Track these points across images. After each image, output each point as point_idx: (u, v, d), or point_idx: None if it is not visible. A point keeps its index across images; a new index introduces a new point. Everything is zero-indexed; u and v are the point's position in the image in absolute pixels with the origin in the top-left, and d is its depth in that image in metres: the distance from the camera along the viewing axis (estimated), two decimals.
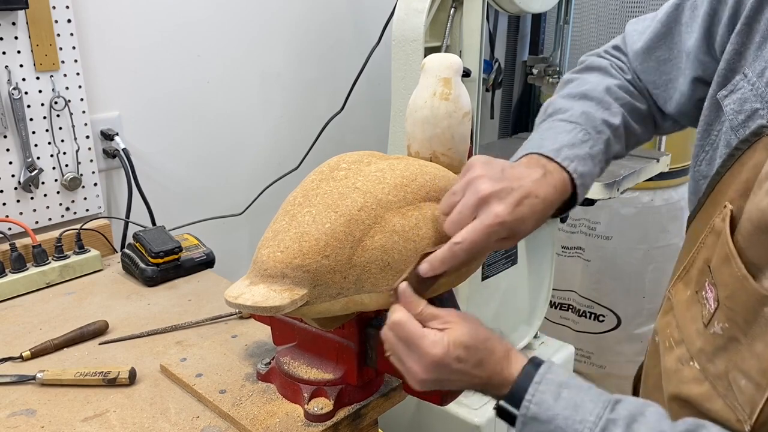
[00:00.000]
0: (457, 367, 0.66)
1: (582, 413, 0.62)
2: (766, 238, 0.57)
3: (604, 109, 0.82)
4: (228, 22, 1.60)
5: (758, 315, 0.57)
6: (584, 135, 0.78)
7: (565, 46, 1.82)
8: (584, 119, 0.80)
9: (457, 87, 0.80)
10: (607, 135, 0.80)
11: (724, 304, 0.62)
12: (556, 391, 0.64)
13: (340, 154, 0.79)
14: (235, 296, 0.69)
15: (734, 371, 0.61)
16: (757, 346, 0.58)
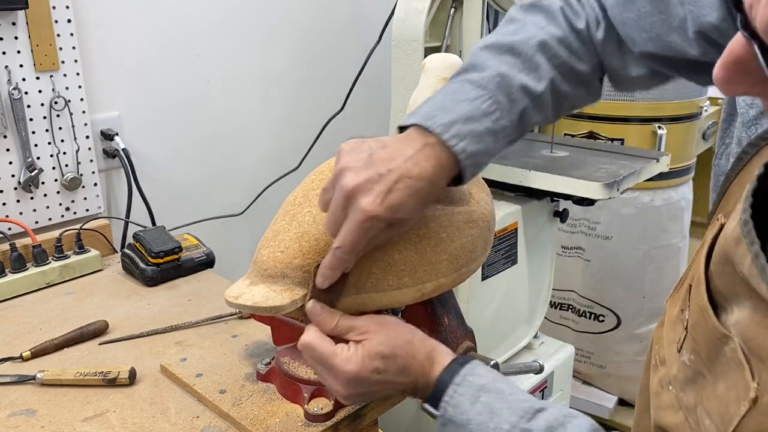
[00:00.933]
0: (377, 378, 0.65)
1: (496, 420, 0.60)
2: (729, 269, 0.50)
3: (529, 72, 0.71)
4: (228, 22, 1.60)
5: (719, 353, 0.51)
6: (489, 105, 0.68)
7: None
8: (497, 84, 0.69)
9: None
10: (523, 104, 0.70)
11: (690, 333, 0.56)
12: (474, 395, 0.62)
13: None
14: (235, 296, 0.69)
15: (700, 407, 0.54)
16: (718, 387, 0.51)
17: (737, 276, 0.49)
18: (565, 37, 0.73)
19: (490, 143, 0.68)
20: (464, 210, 0.76)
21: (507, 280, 1.57)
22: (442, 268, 0.73)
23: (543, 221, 1.66)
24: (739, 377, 0.48)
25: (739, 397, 0.48)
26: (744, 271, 0.48)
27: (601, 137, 2.13)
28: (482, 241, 0.78)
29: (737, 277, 0.49)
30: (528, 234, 1.59)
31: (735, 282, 0.50)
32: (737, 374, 0.49)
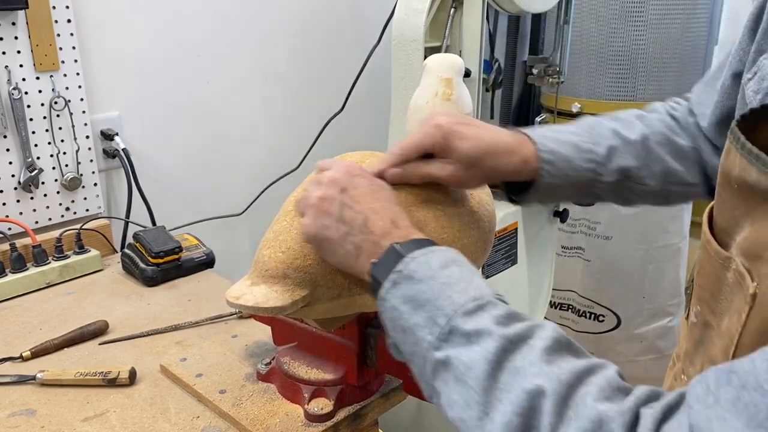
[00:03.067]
0: (345, 199, 0.63)
1: (464, 286, 0.55)
2: (727, 193, 0.54)
3: (622, 125, 0.78)
4: (228, 22, 1.60)
5: (722, 284, 0.53)
6: (576, 129, 0.76)
7: (565, 46, 1.82)
8: (589, 125, 0.78)
9: (458, 87, 0.80)
10: (612, 142, 0.76)
11: (696, 284, 0.59)
12: (447, 261, 0.57)
13: (340, 154, 0.79)
14: (236, 297, 0.69)
15: (707, 366, 0.56)
16: (723, 324, 0.54)
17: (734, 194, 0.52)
18: (662, 117, 0.81)
19: (570, 153, 0.74)
20: (465, 211, 0.76)
21: (507, 280, 1.57)
22: None
23: (543, 221, 1.66)
24: (740, 298, 0.50)
25: (741, 311, 0.50)
26: (736, 173, 0.51)
27: None
28: (483, 242, 0.78)
29: (734, 196, 0.52)
30: (528, 234, 1.59)
31: (733, 206, 0.53)
32: (739, 297, 0.50)
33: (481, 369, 0.50)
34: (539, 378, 0.47)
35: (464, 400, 0.50)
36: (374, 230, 0.61)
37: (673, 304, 2.13)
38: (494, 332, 0.51)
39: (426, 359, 0.54)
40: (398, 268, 0.57)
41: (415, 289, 0.56)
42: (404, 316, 0.56)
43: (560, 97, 2.01)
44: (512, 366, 0.49)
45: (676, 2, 2.00)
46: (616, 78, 2.09)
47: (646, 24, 2.01)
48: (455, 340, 0.52)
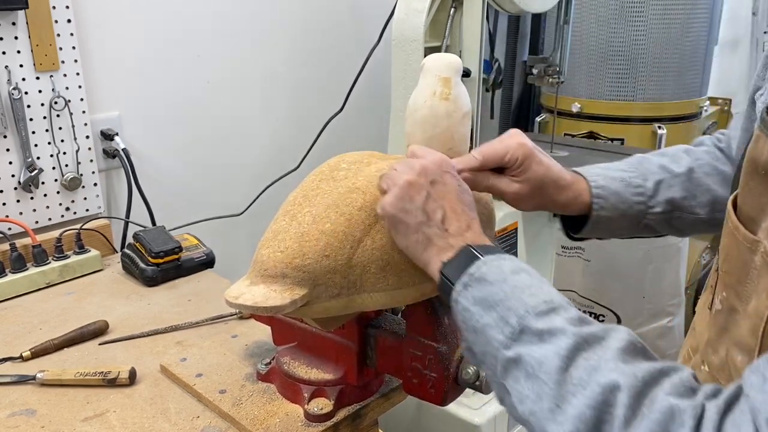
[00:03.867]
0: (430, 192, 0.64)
1: (535, 291, 0.56)
2: (755, 181, 0.56)
3: (668, 159, 0.82)
4: (228, 22, 1.60)
5: (750, 267, 0.56)
6: (625, 166, 0.82)
7: (565, 46, 1.82)
8: (637, 161, 0.83)
9: (456, 87, 0.79)
10: (659, 176, 0.81)
11: (722, 270, 0.61)
12: (518, 268, 0.59)
13: (340, 154, 0.79)
14: (235, 296, 0.69)
15: (733, 350, 0.58)
16: (750, 307, 0.56)
17: (761, 181, 0.54)
18: (708, 149, 0.85)
19: (620, 188, 0.79)
20: None
21: None
22: None
23: (543, 221, 1.66)
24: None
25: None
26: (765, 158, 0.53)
27: (602, 137, 2.13)
28: None
29: (761, 183, 0.55)
30: (528, 234, 1.59)
31: (760, 192, 0.55)
32: (767, 278, 0.53)
33: (554, 364, 0.50)
34: (615, 373, 0.48)
35: (536, 393, 0.51)
36: (449, 228, 0.63)
37: (673, 304, 2.13)
38: (568, 330, 0.52)
39: (497, 359, 0.55)
40: (471, 271, 0.59)
41: (487, 291, 0.57)
42: (475, 317, 0.57)
43: (560, 97, 2.01)
44: (586, 363, 0.50)
45: (676, 2, 2.00)
46: (616, 78, 2.09)
47: (646, 24, 2.01)
48: (527, 339, 0.53)
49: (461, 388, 0.75)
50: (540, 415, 0.50)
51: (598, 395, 0.47)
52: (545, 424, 0.50)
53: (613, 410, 0.46)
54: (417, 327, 0.75)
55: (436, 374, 0.74)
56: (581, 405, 0.48)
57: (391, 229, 0.67)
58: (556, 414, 0.49)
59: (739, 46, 3.25)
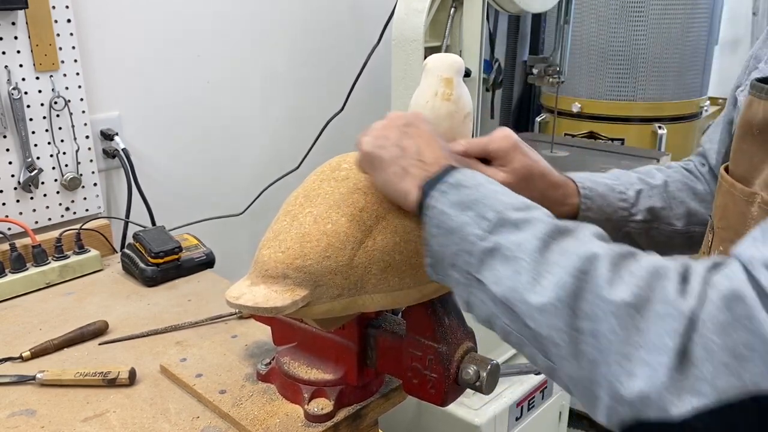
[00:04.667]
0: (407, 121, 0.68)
1: (514, 195, 0.59)
2: (747, 146, 0.60)
3: (645, 174, 0.87)
4: (228, 22, 1.60)
5: (747, 218, 0.59)
6: (610, 176, 0.85)
7: (565, 46, 1.82)
8: (617, 173, 0.86)
9: (458, 87, 0.79)
10: (640, 186, 0.84)
11: (717, 227, 0.64)
12: (492, 181, 0.62)
13: (341, 154, 0.79)
14: (235, 297, 0.69)
15: None
16: None
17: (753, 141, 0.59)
18: (677, 168, 0.90)
19: (605, 191, 0.81)
20: None
21: None
22: None
23: None
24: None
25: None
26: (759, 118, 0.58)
27: (602, 137, 2.13)
28: None
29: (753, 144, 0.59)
30: None
31: (752, 153, 0.59)
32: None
33: (532, 245, 0.52)
34: (593, 245, 0.50)
35: (513, 270, 0.52)
36: (424, 159, 0.64)
37: None
38: (545, 219, 0.54)
39: (472, 253, 0.56)
40: (447, 179, 0.60)
41: (464, 194, 0.59)
42: (451, 218, 0.58)
43: (560, 97, 2.01)
44: (562, 247, 0.51)
45: (676, 2, 2.00)
46: (616, 78, 2.09)
47: (646, 24, 2.01)
48: (504, 230, 0.55)
49: (461, 388, 0.75)
50: (519, 288, 0.51)
51: (577, 263, 0.49)
52: (525, 296, 0.51)
53: (593, 274, 0.48)
54: (417, 327, 0.75)
55: (436, 374, 0.74)
56: (561, 273, 0.49)
57: (368, 168, 0.69)
58: (535, 285, 0.50)
59: (739, 46, 3.26)
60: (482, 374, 0.72)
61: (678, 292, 0.44)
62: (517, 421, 1.65)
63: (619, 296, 0.45)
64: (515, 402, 1.61)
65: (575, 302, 0.47)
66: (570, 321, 0.47)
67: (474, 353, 0.75)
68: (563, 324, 0.48)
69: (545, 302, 0.49)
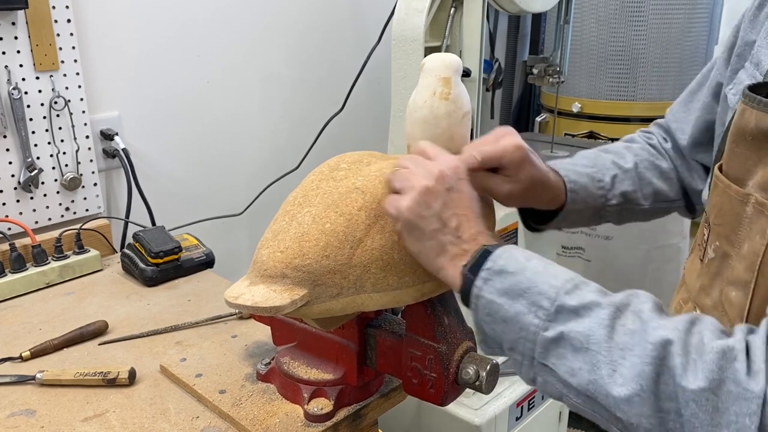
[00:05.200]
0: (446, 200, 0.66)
1: (555, 272, 0.61)
2: (741, 150, 0.63)
3: (617, 156, 0.92)
4: (228, 22, 1.60)
5: (741, 217, 0.62)
6: (588, 162, 0.90)
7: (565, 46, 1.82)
8: (593, 156, 0.92)
9: (456, 87, 0.79)
10: (614, 172, 0.90)
11: (714, 224, 0.67)
12: (528, 255, 0.63)
13: (340, 154, 0.79)
14: (235, 296, 0.69)
15: (727, 288, 0.64)
16: (743, 249, 0.62)
17: (747, 146, 0.62)
18: (643, 146, 0.96)
19: (587, 182, 0.87)
20: None
21: None
22: None
23: None
24: (761, 222, 0.60)
25: (764, 231, 0.60)
26: (752, 126, 0.61)
27: (602, 137, 2.13)
28: None
29: (748, 148, 0.62)
30: (528, 234, 1.59)
31: (746, 157, 0.62)
32: (759, 222, 0.60)
33: (601, 334, 0.55)
34: (660, 330, 0.53)
35: (589, 364, 0.55)
36: (463, 235, 0.66)
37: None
38: (601, 302, 0.57)
39: (534, 342, 0.58)
40: (488, 266, 0.62)
41: (510, 281, 0.61)
42: (504, 308, 0.60)
43: (560, 97, 2.01)
44: (626, 329, 0.54)
45: (676, 2, 2.00)
46: (616, 78, 2.09)
47: (646, 24, 2.01)
48: (564, 317, 0.57)
49: (461, 388, 0.75)
50: (600, 382, 0.54)
51: (652, 351, 0.52)
52: (608, 389, 0.54)
53: (669, 361, 0.51)
54: (417, 327, 0.75)
55: (436, 374, 0.74)
56: (638, 363, 0.52)
57: (405, 232, 0.68)
58: (616, 377, 0.53)
59: None
60: (482, 374, 0.72)
61: (747, 374, 0.49)
62: (517, 421, 1.65)
63: (696, 384, 0.50)
64: (515, 402, 1.61)
65: (657, 387, 0.51)
66: (655, 405, 0.52)
67: (474, 353, 0.75)
68: (650, 410, 0.52)
69: (630, 394, 0.52)
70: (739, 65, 0.78)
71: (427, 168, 0.68)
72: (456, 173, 0.68)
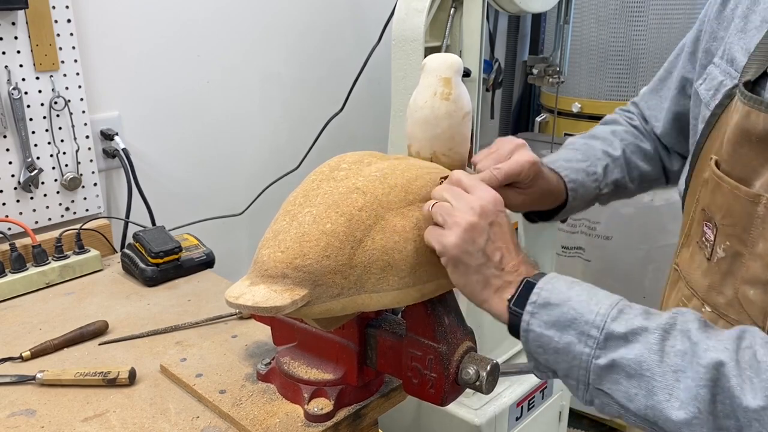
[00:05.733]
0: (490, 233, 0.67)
1: (598, 299, 0.62)
2: (745, 151, 0.64)
3: (606, 144, 0.95)
4: (228, 22, 1.60)
5: (753, 217, 0.63)
6: (581, 156, 0.93)
7: (565, 46, 1.82)
8: (585, 148, 0.95)
9: (457, 87, 0.79)
10: (605, 162, 0.93)
11: (721, 224, 0.68)
12: (569, 283, 0.65)
13: (340, 154, 0.79)
14: (235, 296, 0.69)
15: (743, 287, 0.65)
16: (758, 248, 0.63)
17: (752, 147, 0.63)
18: (628, 129, 0.99)
19: (584, 178, 0.90)
20: None
21: None
22: (443, 268, 0.73)
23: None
24: None
25: None
26: (760, 128, 0.61)
27: None
28: None
29: (752, 149, 0.63)
30: (528, 234, 1.59)
31: (750, 158, 0.63)
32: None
33: (652, 359, 0.57)
34: (711, 352, 0.54)
35: (645, 389, 0.57)
36: (506, 267, 0.68)
37: None
38: (647, 326, 0.58)
39: (588, 370, 0.60)
40: (532, 299, 0.64)
41: (557, 313, 0.62)
42: (554, 340, 0.62)
43: (560, 97, 2.01)
44: (676, 350, 0.56)
45: (676, 2, 2.00)
46: (616, 78, 2.09)
47: (646, 24, 2.01)
48: (613, 344, 0.59)
49: (461, 388, 0.75)
50: (658, 407, 0.56)
51: (705, 374, 0.53)
52: (667, 414, 0.55)
53: (724, 383, 0.53)
54: (417, 327, 0.75)
55: (436, 374, 0.74)
56: (694, 386, 0.54)
57: (450, 267, 0.69)
58: (673, 401, 0.55)
59: None
60: (482, 374, 0.72)
61: None
62: (517, 420, 1.65)
63: (755, 403, 0.51)
64: (515, 402, 1.61)
65: (714, 408, 0.53)
66: (714, 424, 0.53)
67: (474, 353, 0.75)
68: (709, 430, 0.54)
69: (689, 418, 0.54)
70: (707, 60, 0.79)
71: (468, 203, 0.68)
72: (496, 206, 0.69)
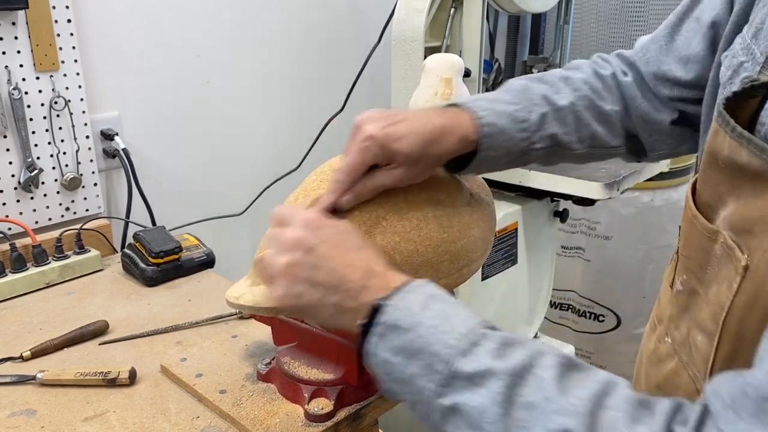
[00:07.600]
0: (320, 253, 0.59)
1: (452, 325, 0.53)
2: (713, 171, 0.56)
3: (549, 89, 0.78)
4: (228, 22, 1.60)
5: (710, 255, 0.56)
6: (511, 97, 0.76)
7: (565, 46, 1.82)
8: (521, 90, 0.78)
9: (458, 87, 0.80)
10: (543, 109, 0.76)
11: (681, 254, 0.63)
12: (424, 302, 0.56)
13: (341, 154, 0.79)
14: (236, 296, 0.69)
15: (694, 330, 0.59)
16: (710, 292, 0.56)
17: (719, 171, 0.55)
18: (586, 79, 0.80)
19: (507, 124, 0.74)
20: (465, 211, 0.76)
21: (507, 280, 1.57)
22: (443, 268, 0.73)
23: (543, 221, 1.66)
24: (729, 268, 0.53)
25: (731, 281, 0.53)
26: (725, 154, 0.53)
27: None
28: (483, 242, 0.78)
29: (720, 173, 0.55)
30: (528, 234, 1.59)
31: (718, 182, 0.56)
32: (728, 267, 0.53)
33: (494, 411, 0.49)
34: (560, 416, 0.46)
35: None
36: (350, 287, 0.59)
37: None
38: (497, 370, 0.50)
39: (431, 407, 0.53)
40: (381, 320, 0.56)
41: (404, 339, 0.54)
42: (399, 368, 0.55)
43: None
44: (525, 401, 0.48)
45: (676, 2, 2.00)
46: None
47: (646, 24, 2.01)
48: (459, 385, 0.51)
49: None
50: None
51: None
52: None
53: None
54: None
55: None
56: None
57: (301, 317, 0.64)
58: None
59: None
60: None
61: None
62: None
63: None
64: None
65: None
66: None
67: None
68: None
69: None
70: (742, 20, 0.64)
71: (280, 242, 0.61)
72: (309, 227, 0.61)
